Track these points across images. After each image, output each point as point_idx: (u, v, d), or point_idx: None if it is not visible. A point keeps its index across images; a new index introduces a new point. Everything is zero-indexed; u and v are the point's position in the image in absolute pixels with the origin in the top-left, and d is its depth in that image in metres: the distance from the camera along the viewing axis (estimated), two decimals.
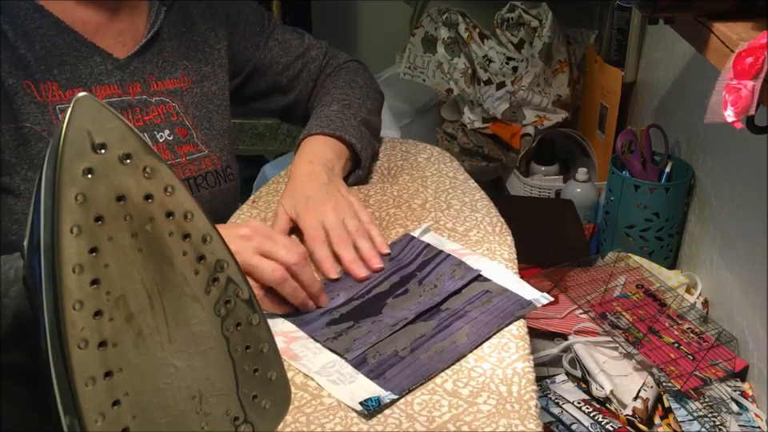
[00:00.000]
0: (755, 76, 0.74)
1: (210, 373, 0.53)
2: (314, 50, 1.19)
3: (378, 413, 0.68)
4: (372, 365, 0.73)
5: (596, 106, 1.93)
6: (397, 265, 0.89)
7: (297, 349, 0.76)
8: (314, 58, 1.19)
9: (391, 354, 0.75)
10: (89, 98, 0.46)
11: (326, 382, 0.72)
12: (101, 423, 0.47)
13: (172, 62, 1.02)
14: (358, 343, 0.76)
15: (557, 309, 1.38)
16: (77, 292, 0.46)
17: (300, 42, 1.18)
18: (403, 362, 0.74)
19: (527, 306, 0.82)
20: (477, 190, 1.04)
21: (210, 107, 1.06)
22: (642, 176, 1.56)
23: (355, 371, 0.73)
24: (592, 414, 1.19)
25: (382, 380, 0.71)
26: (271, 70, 1.16)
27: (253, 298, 0.55)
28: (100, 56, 0.95)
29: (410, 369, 0.73)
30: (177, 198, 0.50)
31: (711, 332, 1.33)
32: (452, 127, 2.07)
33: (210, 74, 1.07)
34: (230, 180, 1.07)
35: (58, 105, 0.92)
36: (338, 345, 0.76)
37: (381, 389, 0.70)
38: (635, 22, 1.77)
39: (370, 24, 2.44)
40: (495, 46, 2.04)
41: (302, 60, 1.18)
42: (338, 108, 1.09)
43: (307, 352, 0.76)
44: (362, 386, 0.71)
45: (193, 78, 1.05)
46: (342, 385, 0.71)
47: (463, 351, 0.75)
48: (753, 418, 1.20)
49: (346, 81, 1.17)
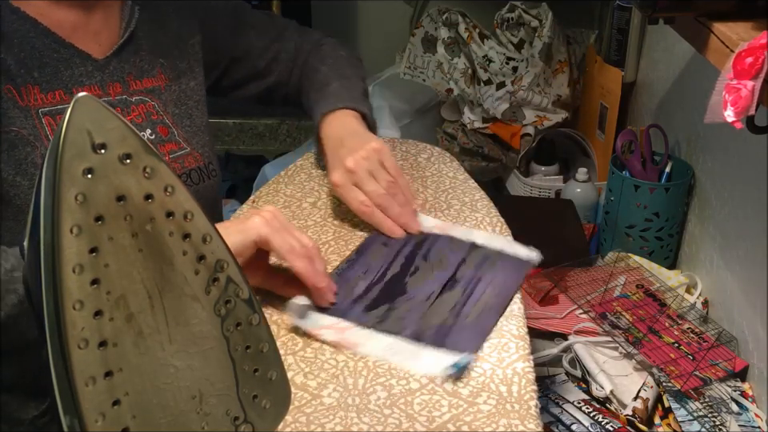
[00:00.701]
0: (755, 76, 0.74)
1: (210, 373, 0.53)
2: (287, 31, 1.18)
3: (378, 413, 0.68)
4: (429, 337, 0.76)
5: (596, 106, 1.93)
6: (397, 246, 0.93)
7: (352, 337, 0.77)
8: (288, 39, 1.18)
9: (440, 325, 0.78)
10: (89, 97, 0.46)
11: (400, 360, 0.74)
12: (101, 423, 0.47)
13: (149, 60, 1.01)
14: (406, 321, 0.79)
15: (557, 309, 1.38)
16: (77, 292, 0.46)
17: (273, 24, 1.18)
18: (455, 328, 0.77)
19: (527, 264, 0.89)
20: (477, 189, 1.04)
21: (189, 104, 1.05)
22: (641, 176, 1.56)
23: (417, 346, 0.76)
24: (592, 414, 1.19)
25: (448, 347, 0.75)
26: (249, 56, 1.15)
27: (253, 297, 0.55)
28: (79, 57, 0.94)
29: (466, 331, 0.76)
30: (177, 197, 0.50)
31: (711, 332, 1.33)
32: (452, 127, 2.07)
33: (187, 70, 1.06)
34: (213, 176, 1.06)
35: (40, 108, 0.90)
36: (389, 326, 0.79)
37: (454, 354, 0.73)
38: (635, 21, 1.77)
39: (370, 24, 2.44)
40: (495, 45, 2.04)
41: (278, 42, 1.17)
42: (339, 84, 1.10)
43: (363, 338, 0.77)
44: (435, 356, 0.74)
45: (170, 75, 1.03)
46: (417, 360, 0.74)
47: (504, 302, 0.82)
48: (753, 417, 1.20)
49: (333, 57, 1.17)
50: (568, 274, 1.46)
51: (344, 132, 1.01)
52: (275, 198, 1.03)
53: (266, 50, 1.16)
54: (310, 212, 0.99)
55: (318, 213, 0.99)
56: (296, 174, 1.09)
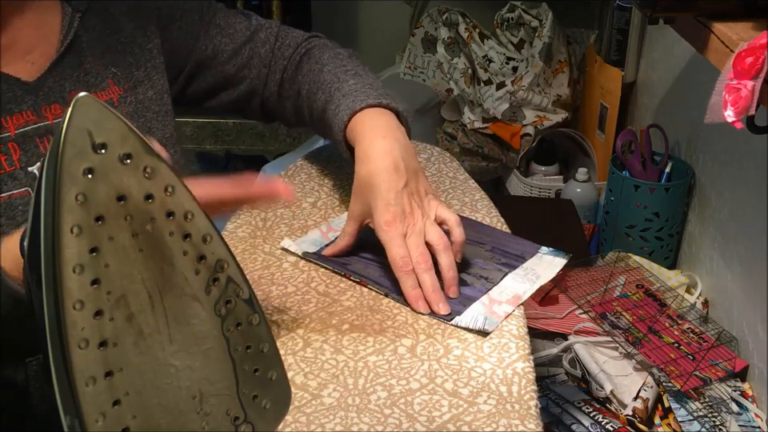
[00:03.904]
0: (755, 76, 0.74)
1: (210, 373, 0.53)
2: (262, 32, 1.04)
3: (379, 413, 0.68)
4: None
5: (596, 106, 1.93)
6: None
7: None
8: (263, 41, 1.03)
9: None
10: (89, 97, 0.47)
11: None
12: (101, 423, 0.47)
13: (96, 72, 0.89)
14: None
15: (557, 309, 1.38)
16: (77, 292, 0.46)
17: (246, 25, 1.03)
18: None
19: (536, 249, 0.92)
20: (477, 190, 1.04)
21: (148, 115, 0.94)
22: (641, 176, 1.56)
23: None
24: (592, 414, 1.19)
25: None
26: (216, 61, 1.02)
27: (253, 297, 0.55)
28: (6, 83, 0.83)
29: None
30: (177, 197, 0.50)
31: (711, 332, 1.33)
32: (452, 127, 2.07)
33: (144, 78, 0.94)
34: None
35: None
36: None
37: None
38: (635, 21, 1.77)
39: (370, 24, 2.44)
40: (495, 45, 2.04)
41: (249, 45, 1.03)
42: (355, 82, 0.95)
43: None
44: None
45: (124, 85, 0.92)
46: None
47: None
48: (753, 417, 1.20)
49: (332, 55, 1.02)
50: (568, 274, 1.46)
51: (396, 147, 0.86)
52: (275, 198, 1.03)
53: (235, 54, 1.02)
54: (310, 212, 0.99)
55: (318, 213, 0.99)
56: (296, 174, 1.09)
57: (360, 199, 0.86)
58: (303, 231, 0.95)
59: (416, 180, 0.86)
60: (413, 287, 0.81)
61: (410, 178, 0.85)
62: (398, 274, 0.82)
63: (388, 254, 0.82)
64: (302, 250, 0.90)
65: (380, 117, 0.89)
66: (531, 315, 1.33)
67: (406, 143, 0.88)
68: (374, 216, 0.84)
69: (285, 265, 0.89)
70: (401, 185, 0.84)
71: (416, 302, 0.81)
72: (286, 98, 1.04)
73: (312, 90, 0.99)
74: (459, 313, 0.79)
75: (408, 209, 0.83)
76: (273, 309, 0.82)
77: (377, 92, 0.92)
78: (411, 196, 0.84)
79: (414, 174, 0.86)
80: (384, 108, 0.90)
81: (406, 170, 0.85)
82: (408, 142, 0.89)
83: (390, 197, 0.83)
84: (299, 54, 1.03)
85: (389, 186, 0.83)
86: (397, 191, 0.83)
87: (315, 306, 0.82)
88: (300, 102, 1.02)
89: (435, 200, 0.86)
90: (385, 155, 0.85)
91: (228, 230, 0.95)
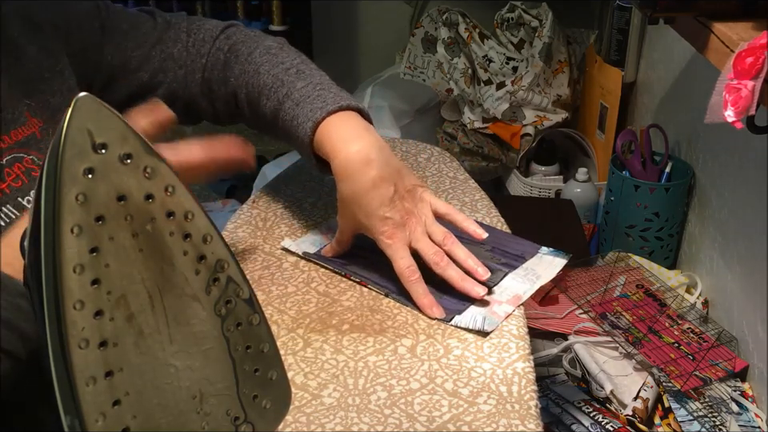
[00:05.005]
0: (755, 76, 0.74)
1: (210, 373, 0.53)
2: (171, 30, 0.95)
3: (379, 413, 0.68)
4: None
5: (596, 106, 1.93)
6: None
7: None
8: (174, 40, 0.95)
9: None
10: (89, 97, 0.46)
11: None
12: (101, 423, 0.47)
13: (11, 108, 0.80)
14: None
15: (557, 309, 1.38)
16: (77, 292, 0.46)
17: (152, 25, 0.95)
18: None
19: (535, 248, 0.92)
20: (477, 190, 1.04)
21: None
22: (641, 176, 1.56)
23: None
24: (592, 414, 1.19)
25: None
26: (127, 70, 0.93)
27: (253, 297, 0.55)
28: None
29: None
30: (177, 197, 0.50)
31: (711, 332, 1.33)
32: (452, 127, 2.07)
33: (61, 104, 0.85)
34: None
35: None
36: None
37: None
38: (635, 21, 1.77)
39: (369, 24, 2.44)
40: (495, 46, 2.04)
41: (159, 47, 0.94)
42: (303, 84, 0.87)
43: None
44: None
45: (42, 116, 0.82)
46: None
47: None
48: (753, 417, 1.20)
49: (262, 51, 0.93)
50: (568, 273, 1.46)
51: (372, 151, 0.81)
52: (275, 198, 1.03)
53: (146, 59, 0.93)
54: (310, 212, 0.99)
55: (318, 213, 0.99)
56: (296, 174, 1.09)
57: (349, 216, 0.83)
58: (303, 231, 0.95)
59: (401, 179, 0.82)
60: (424, 295, 0.80)
61: (396, 181, 0.81)
62: (407, 284, 0.81)
63: (395, 267, 0.81)
64: (302, 250, 0.90)
65: (345, 122, 0.84)
66: (531, 315, 1.33)
67: (379, 142, 0.83)
68: (373, 233, 0.82)
69: (285, 265, 0.89)
70: (390, 193, 0.80)
71: (430, 309, 0.80)
72: (215, 99, 0.97)
73: (252, 94, 0.92)
74: (459, 312, 0.79)
75: (405, 215, 0.82)
76: (273, 309, 0.82)
77: (330, 93, 0.86)
78: (403, 199, 0.82)
79: (398, 173, 0.82)
80: (345, 110, 0.84)
81: (390, 174, 0.81)
82: (379, 138, 0.84)
83: (383, 212, 0.80)
84: (220, 50, 0.95)
85: (380, 202, 0.80)
86: (389, 203, 0.80)
87: (315, 306, 0.82)
88: (239, 104, 0.95)
89: (424, 191, 0.85)
90: (364, 167, 0.80)
91: (228, 230, 0.95)
